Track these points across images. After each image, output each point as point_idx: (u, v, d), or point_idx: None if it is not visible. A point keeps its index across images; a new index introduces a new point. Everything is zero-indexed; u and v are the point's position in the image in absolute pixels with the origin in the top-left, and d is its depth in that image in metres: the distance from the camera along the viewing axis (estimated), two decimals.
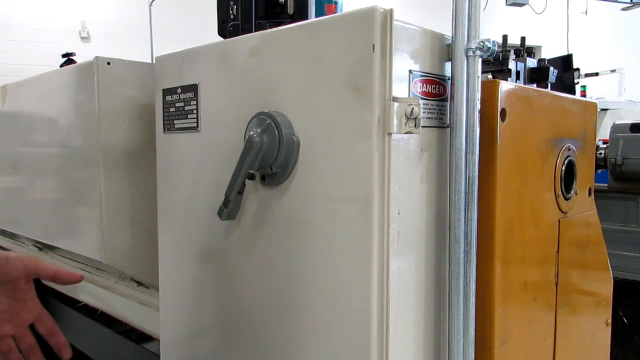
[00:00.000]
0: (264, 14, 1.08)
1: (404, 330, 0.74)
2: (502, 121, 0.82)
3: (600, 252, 1.18)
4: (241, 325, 0.88)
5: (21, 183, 1.55)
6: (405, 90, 0.71)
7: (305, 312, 0.78)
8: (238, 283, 0.88)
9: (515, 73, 1.29)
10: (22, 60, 5.83)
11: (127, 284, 1.30)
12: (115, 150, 1.14)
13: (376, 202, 0.69)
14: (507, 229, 0.85)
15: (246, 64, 0.84)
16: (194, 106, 0.93)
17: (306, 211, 0.77)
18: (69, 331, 1.75)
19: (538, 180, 0.95)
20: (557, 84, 1.43)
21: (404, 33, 0.71)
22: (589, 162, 1.13)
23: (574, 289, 1.07)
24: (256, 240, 0.84)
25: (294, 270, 0.79)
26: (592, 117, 1.14)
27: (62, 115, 1.29)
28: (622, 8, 8.19)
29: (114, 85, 1.13)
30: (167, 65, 0.99)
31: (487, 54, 0.73)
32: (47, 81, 1.37)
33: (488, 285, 0.82)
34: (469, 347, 0.76)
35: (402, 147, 0.72)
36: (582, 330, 1.13)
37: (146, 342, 1.39)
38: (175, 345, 1.03)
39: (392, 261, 0.71)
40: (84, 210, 1.21)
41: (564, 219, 1.01)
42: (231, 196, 0.80)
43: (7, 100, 1.58)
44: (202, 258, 0.95)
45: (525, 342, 0.92)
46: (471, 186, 0.75)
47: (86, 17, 6.37)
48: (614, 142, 2.31)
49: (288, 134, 0.77)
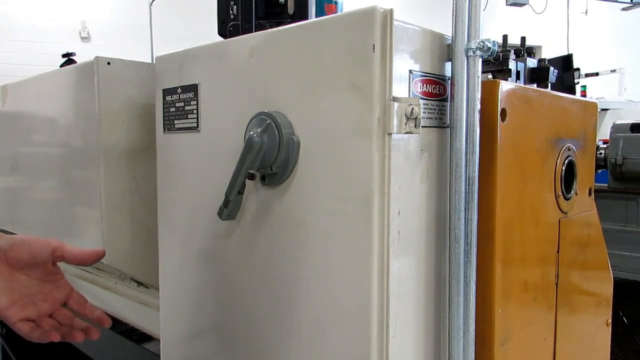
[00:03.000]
0: (264, 14, 1.08)
1: (404, 330, 0.74)
2: (502, 121, 0.82)
3: (601, 252, 1.18)
4: (241, 325, 0.88)
5: (21, 183, 1.55)
6: (405, 90, 0.71)
7: (305, 312, 0.78)
8: (238, 283, 0.88)
9: (515, 73, 1.29)
10: (22, 60, 5.84)
11: (127, 284, 1.30)
12: (115, 150, 1.14)
13: (376, 202, 0.69)
14: (507, 229, 0.85)
15: (246, 64, 0.84)
16: (194, 106, 0.93)
17: (306, 211, 0.77)
18: None
19: (538, 180, 0.95)
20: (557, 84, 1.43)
21: (404, 33, 0.71)
22: (589, 162, 1.13)
23: (574, 289, 1.07)
24: (256, 240, 0.84)
25: (294, 270, 0.79)
26: (592, 117, 1.14)
27: (62, 115, 1.29)
28: (622, 8, 8.19)
29: (114, 85, 1.13)
30: (167, 65, 0.99)
31: (487, 54, 0.73)
32: (47, 81, 1.37)
33: (488, 285, 0.82)
34: (469, 347, 0.76)
35: (402, 147, 0.72)
36: (582, 330, 1.13)
37: (146, 342, 1.39)
38: (175, 345, 1.03)
39: (392, 261, 0.71)
40: (84, 210, 1.21)
41: (564, 219, 1.01)
42: (231, 196, 0.80)
43: (7, 100, 1.58)
44: (202, 258, 0.95)
45: (525, 342, 0.92)
46: (471, 186, 0.75)
47: (86, 17, 6.37)
48: (614, 142, 2.31)
49: (288, 134, 0.77)
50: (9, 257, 0.77)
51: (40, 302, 0.81)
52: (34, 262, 0.78)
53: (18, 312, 0.78)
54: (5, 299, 0.77)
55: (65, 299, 0.84)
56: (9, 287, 0.77)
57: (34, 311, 0.80)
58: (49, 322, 0.82)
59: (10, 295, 0.77)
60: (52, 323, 0.82)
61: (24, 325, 0.79)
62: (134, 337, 1.42)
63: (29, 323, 0.80)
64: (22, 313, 0.78)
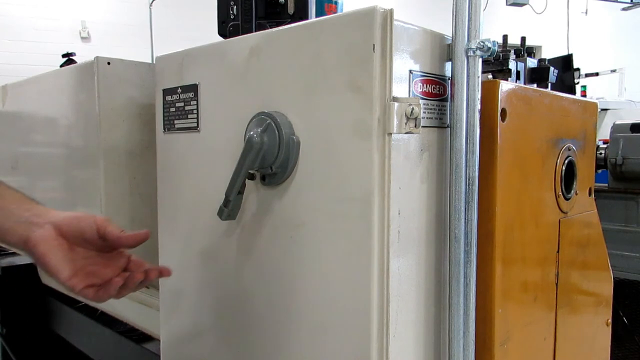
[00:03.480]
0: (264, 14, 1.08)
1: (404, 330, 0.74)
2: (502, 121, 0.82)
3: (601, 252, 1.18)
4: (241, 325, 0.88)
5: (21, 183, 1.55)
6: (405, 90, 0.71)
7: (306, 312, 0.78)
8: (238, 283, 0.88)
9: (515, 73, 1.29)
10: (23, 60, 5.84)
11: None
12: (115, 150, 1.14)
13: (376, 202, 0.69)
14: (507, 229, 0.85)
15: (246, 64, 0.84)
16: (194, 106, 0.93)
17: (306, 211, 0.77)
18: (69, 331, 1.75)
19: (538, 180, 0.94)
20: (558, 84, 1.43)
21: (404, 33, 0.71)
22: (589, 162, 1.13)
23: (574, 289, 1.07)
24: (256, 240, 0.84)
25: (295, 270, 0.79)
26: (592, 117, 1.14)
27: (62, 115, 1.29)
28: (622, 8, 8.19)
29: (114, 85, 1.13)
30: (167, 65, 0.99)
31: (487, 54, 0.73)
32: (47, 81, 1.37)
33: (488, 285, 0.82)
34: (469, 347, 0.76)
35: (402, 147, 0.72)
36: (582, 330, 1.13)
37: (146, 342, 1.39)
38: (175, 345, 1.03)
39: (393, 261, 0.71)
40: (84, 210, 1.21)
41: (564, 219, 1.01)
42: (231, 196, 0.80)
43: (8, 100, 1.58)
44: (202, 258, 0.95)
45: (525, 342, 0.92)
46: (471, 186, 0.75)
47: (86, 17, 6.37)
48: (614, 142, 2.31)
49: (288, 134, 0.77)
50: (63, 232, 0.79)
51: (101, 269, 0.82)
52: (84, 238, 0.80)
53: (81, 281, 0.79)
54: (67, 270, 0.78)
55: (125, 266, 0.84)
56: (69, 258, 0.79)
57: (96, 278, 0.81)
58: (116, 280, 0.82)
59: (72, 266, 0.79)
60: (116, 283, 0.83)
61: (89, 291, 0.81)
62: (134, 337, 1.42)
63: (94, 288, 0.81)
64: (85, 281, 0.80)
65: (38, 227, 0.78)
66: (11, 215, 0.79)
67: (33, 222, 0.78)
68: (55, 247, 0.78)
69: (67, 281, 0.79)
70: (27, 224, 0.78)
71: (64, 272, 0.78)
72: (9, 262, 1.93)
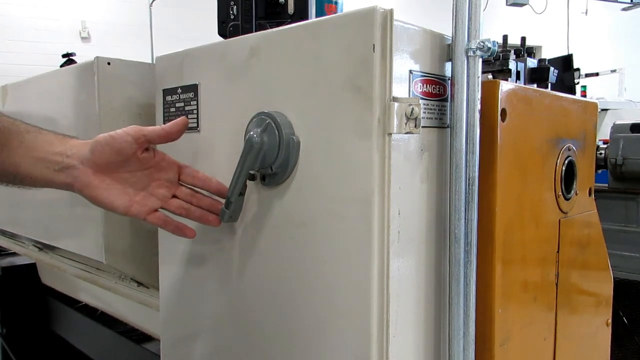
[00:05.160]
0: (264, 14, 1.08)
1: (404, 330, 0.74)
2: (502, 121, 0.82)
3: (601, 252, 1.18)
4: (241, 325, 0.88)
5: None
6: (405, 91, 0.71)
7: (306, 312, 0.78)
8: (238, 283, 0.88)
9: (515, 73, 1.29)
10: (23, 60, 5.84)
11: (127, 284, 1.30)
12: None
13: (376, 202, 0.69)
14: (507, 229, 0.85)
15: (246, 64, 0.84)
16: (194, 106, 0.93)
17: (306, 211, 0.77)
18: (69, 331, 1.75)
19: (538, 181, 0.95)
20: (558, 84, 1.43)
21: (404, 33, 0.71)
22: (589, 162, 1.13)
23: (574, 289, 1.07)
24: (256, 240, 0.84)
25: (294, 270, 0.79)
26: (592, 117, 1.14)
27: (62, 115, 1.29)
28: (622, 8, 8.19)
29: (114, 85, 1.12)
30: (167, 65, 0.99)
31: (487, 54, 0.73)
32: (47, 81, 1.37)
33: (488, 285, 0.82)
34: (469, 347, 0.76)
35: (402, 147, 0.72)
36: (582, 331, 1.13)
37: (146, 342, 1.39)
38: (175, 345, 1.03)
39: (392, 261, 0.71)
40: (84, 210, 1.21)
41: (564, 219, 1.01)
42: (233, 197, 0.79)
43: (8, 100, 1.58)
44: (202, 258, 0.95)
45: (525, 343, 0.92)
46: (471, 186, 0.75)
47: (86, 17, 6.38)
48: (614, 142, 2.31)
49: (288, 134, 0.77)
50: (98, 164, 0.76)
51: (156, 189, 0.80)
52: (124, 159, 0.76)
53: (141, 208, 0.78)
54: (122, 202, 0.77)
55: (178, 176, 0.82)
56: (118, 190, 0.77)
57: (155, 201, 0.80)
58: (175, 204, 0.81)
59: (125, 197, 0.77)
60: (178, 204, 0.81)
61: (155, 219, 0.80)
62: (134, 337, 1.42)
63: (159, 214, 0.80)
64: (145, 207, 0.78)
65: (74, 169, 0.76)
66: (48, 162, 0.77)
67: (69, 165, 0.77)
68: (96, 187, 0.76)
69: (128, 213, 0.77)
70: (64, 170, 0.77)
71: (119, 207, 0.77)
72: (9, 262, 1.94)
